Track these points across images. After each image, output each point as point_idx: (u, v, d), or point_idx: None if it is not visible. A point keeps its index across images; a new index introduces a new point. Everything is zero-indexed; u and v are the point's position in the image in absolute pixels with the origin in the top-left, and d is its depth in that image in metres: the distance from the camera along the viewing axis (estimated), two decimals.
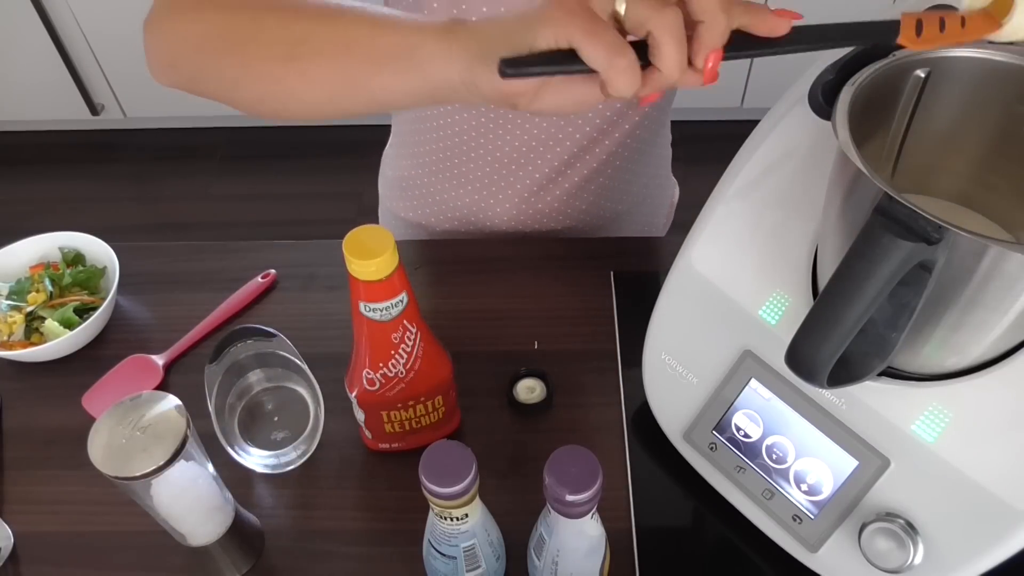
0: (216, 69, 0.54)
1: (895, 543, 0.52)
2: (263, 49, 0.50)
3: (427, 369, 0.63)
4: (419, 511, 0.57)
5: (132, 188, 2.31)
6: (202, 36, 0.53)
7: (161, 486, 0.52)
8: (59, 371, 0.78)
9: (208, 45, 0.53)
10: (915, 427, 0.52)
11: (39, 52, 2.12)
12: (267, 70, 0.51)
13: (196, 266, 0.88)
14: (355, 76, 0.48)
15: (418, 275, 0.85)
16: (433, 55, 0.45)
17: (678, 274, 0.64)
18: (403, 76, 0.47)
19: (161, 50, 0.56)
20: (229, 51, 0.52)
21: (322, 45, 0.49)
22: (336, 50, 0.48)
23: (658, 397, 0.67)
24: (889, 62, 0.48)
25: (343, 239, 0.55)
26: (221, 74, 0.54)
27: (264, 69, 0.51)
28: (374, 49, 0.47)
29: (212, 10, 0.53)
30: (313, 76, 0.50)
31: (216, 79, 0.54)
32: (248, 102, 0.54)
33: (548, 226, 0.92)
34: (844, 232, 0.48)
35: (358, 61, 0.48)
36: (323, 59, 0.49)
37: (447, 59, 0.45)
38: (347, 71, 0.49)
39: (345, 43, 0.48)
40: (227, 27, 0.52)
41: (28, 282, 0.82)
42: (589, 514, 0.50)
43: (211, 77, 0.55)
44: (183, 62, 0.55)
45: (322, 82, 0.50)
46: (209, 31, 0.53)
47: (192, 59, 0.54)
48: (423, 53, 0.46)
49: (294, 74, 0.50)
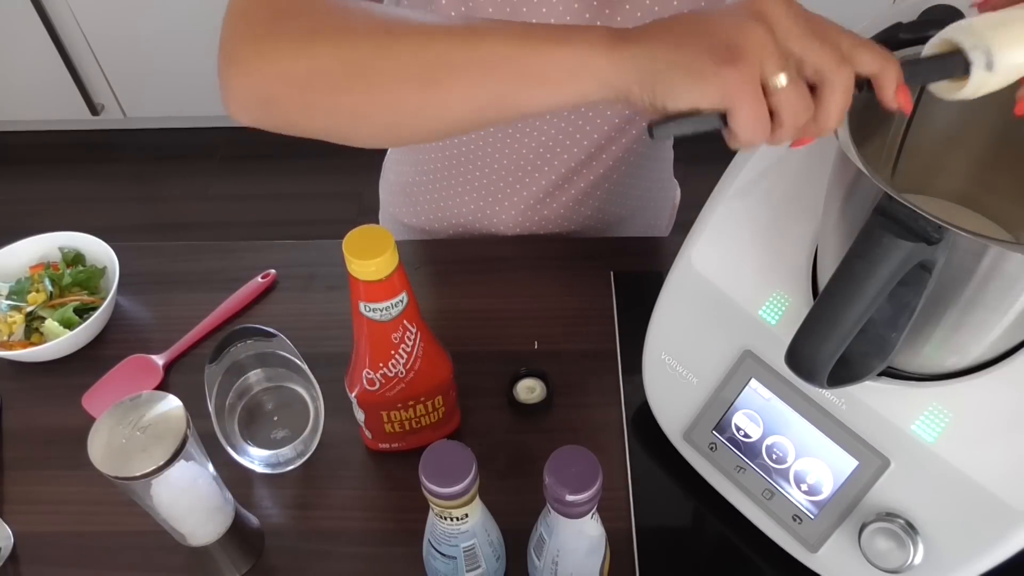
0: (332, 104, 0.49)
1: (895, 543, 0.52)
2: (394, 77, 0.46)
3: (427, 369, 0.63)
4: (419, 511, 0.57)
5: (132, 188, 2.31)
6: (312, 71, 0.48)
7: (161, 486, 0.52)
8: (59, 371, 0.78)
9: (321, 80, 0.48)
10: (915, 427, 0.52)
11: (39, 52, 2.12)
12: (401, 98, 0.47)
13: (196, 266, 0.88)
14: (503, 95, 0.45)
15: (418, 275, 0.85)
16: (597, 72, 0.43)
17: (678, 274, 0.64)
18: (558, 91, 0.45)
19: (252, 89, 0.50)
20: (350, 84, 0.47)
21: (464, 67, 0.45)
22: (481, 71, 0.45)
23: (658, 397, 0.67)
24: None
25: (343, 239, 0.55)
26: (337, 109, 0.49)
27: (396, 97, 0.47)
28: (525, 67, 0.44)
29: (322, 42, 0.47)
30: (455, 99, 0.46)
31: (329, 115, 0.50)
32: (371, 133, 0.50)
33: (552, 231, 0.92)
34: (844, 232, 0.48)
35: (506, 80, 0.45)
36: (467, 81, 0.45)
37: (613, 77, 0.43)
38: (494, 91, 0.45)
39: (490, 63, 0.45)
40: (346, 58, 0.47)
41: (28, 282, 0.82)
42: (589, 514, 0.50)
43: (322, 114, 0.50)
44: (284, 101, 0.50)
45: (465, 103, 0.46)
46: (321, 65, 0.48)
47: (298, 97, 0.49)
48: (586, 72, 0.43)
49: (433, 99, 0.47)
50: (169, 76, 2.19)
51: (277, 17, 0.49)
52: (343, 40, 0.47)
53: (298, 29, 0.48)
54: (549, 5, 0.70)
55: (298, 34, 0.48)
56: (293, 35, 0.48)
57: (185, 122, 2.37)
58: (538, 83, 0.44)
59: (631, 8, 0.72)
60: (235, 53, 0.50)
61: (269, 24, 0.49)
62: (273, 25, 0.49)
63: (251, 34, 0.50)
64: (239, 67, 0.50)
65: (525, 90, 0.45)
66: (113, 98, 2.27)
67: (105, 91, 2.25)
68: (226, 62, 0.50)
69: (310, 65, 0.48)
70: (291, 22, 0.49)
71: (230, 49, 0.50)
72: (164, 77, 2.19)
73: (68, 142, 2.41)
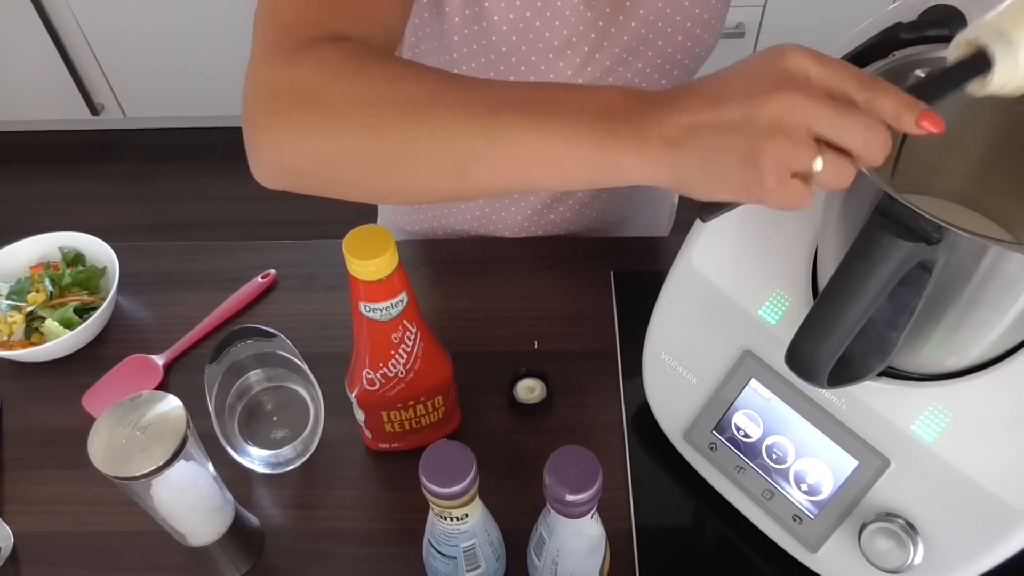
0: (363, 184, 0.50)
1: (895, 543, 0.52)
2: (423, 168, 0.47)
3: (427, 369, 0.63)
4: (419, 511, 0.57)
5: (132, 188, 2.31)
6: (342, 155, 0.48)
7: (161, 486, 0.52)
8: (59, 371, 0.78)
9: (351, 164, 0.48)
10: (915, 427, 0.52)
11: (39, 52, 2.12)
12: (431, 186, 0.48)
13: (196, 266, 0.88)
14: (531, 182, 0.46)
15: (418, 275, 0.85)
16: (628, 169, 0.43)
17: (678, 274, 0.64)
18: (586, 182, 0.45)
19: (282, 163, 0.50)
20: (380, 170, 0.48)
21: (492, 161, 0.45)
22: (509, 165, 0.45)
23: (658, 397, 0.67)
24: (889, 62, 0.48)
25: (343, 239, 0.55)
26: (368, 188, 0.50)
27: (427, 185, 0.48)
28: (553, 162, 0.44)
29: (349, 128, 0.47)
30: (485, 185, 0.47)
31: (361, 192, 0.51)
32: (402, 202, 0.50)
33: (553, 233, 0.92)
34: (844, 232, 0.48)
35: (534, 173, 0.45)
36: (496, 173, 0.46)
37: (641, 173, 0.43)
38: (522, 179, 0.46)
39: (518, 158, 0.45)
40: (374, 148, 0.47)
41: (28, 282, 0.82)
42: (589, 514, 0.50)
43: (354, 191, 0.51)
44: (314, 177, 0.50)
45: (495, 188, 0.47)
46: (350, 151, 0.48)
47: (328, 175, 0.50)
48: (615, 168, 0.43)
49: (463, 185, 0.47)
50: (169, 76, 2.19)
51: (302, 92, 0.48)
52: (370, 127, 0.47)
53: (324, 109, 0.48)
54: (554, 8, 0.71)
55: (325, 115, 0.48)
56: (319, 115, 0.48)
57: (185, 122, 2.37)
58: (565, 177, 0.45)
59: (632, 5, 0.72)
60: (263, 125, 0.49)
61: (294, 100, 0.48)
62: (298, 101, 0.48)
63: (277, 108, 0.49)
64: (268, 140, 0.49)
65: (553, 181, 0.46)
66: (113, 98, 2.26)
67: (105, 91, 2.25)
68: (254, 132, 0.50)
69: (339, 149, 0.48)
70: (315, 101, 0.48)
71: (256, 119, 0.50)
72: (164, 77, 2.19)
73: (68, 142, 2.41)
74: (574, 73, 0.75)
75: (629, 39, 0.74)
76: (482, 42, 0.72)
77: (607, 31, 0.73)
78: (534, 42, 0.72)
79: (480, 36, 0.72)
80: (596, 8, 0.72)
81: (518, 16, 0.70)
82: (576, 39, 0.73)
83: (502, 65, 0.74)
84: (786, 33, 1.97)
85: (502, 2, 0.69)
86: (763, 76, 0.39)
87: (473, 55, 0.74)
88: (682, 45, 0.75)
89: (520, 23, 0.71)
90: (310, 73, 0.48)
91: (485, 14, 0.70)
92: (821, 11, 1.90)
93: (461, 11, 0.70)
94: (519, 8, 0.70)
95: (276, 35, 0.51)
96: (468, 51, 0.73)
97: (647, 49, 0.75)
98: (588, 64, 0.75)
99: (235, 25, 2.04)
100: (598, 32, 0.73)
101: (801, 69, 0.39)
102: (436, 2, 0.71)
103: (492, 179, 0.46)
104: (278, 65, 0.49)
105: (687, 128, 0.40)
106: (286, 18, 0.52)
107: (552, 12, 0.71)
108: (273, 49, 0.50)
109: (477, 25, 0.71)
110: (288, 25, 0.51)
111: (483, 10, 0.70)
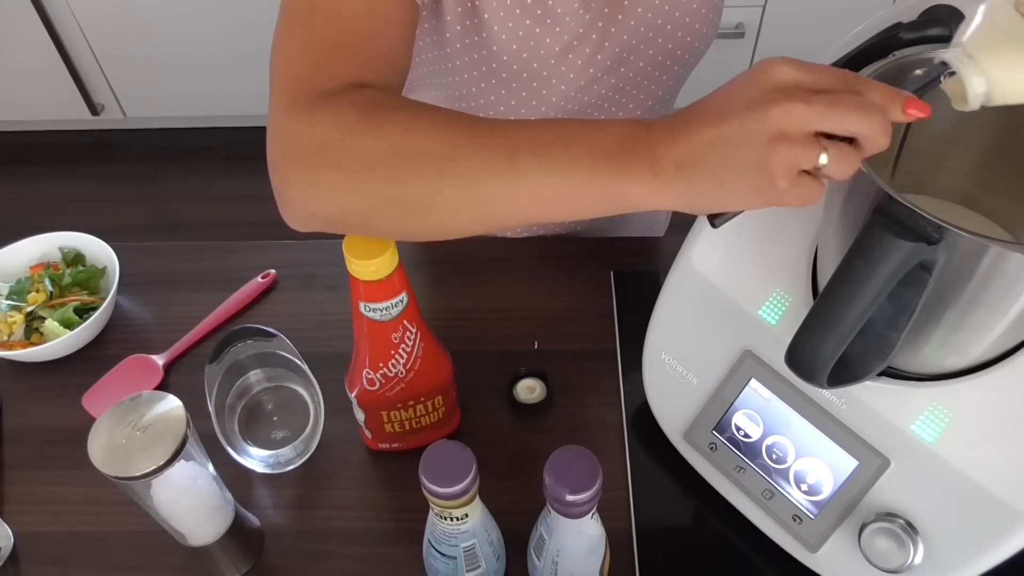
0: (392, 228, 0.53)
1: (895, 543, 0.52)
2: (448, 212, 0.49)
3: (427, 369, 0.63)
4: (419, 511, 0.57)
5: (132, 188, 2.31)
6: (370, 205, 0.50)
7: (161, 486, 0.52)
8: (59, 371, 0.78)
9: (379, 212, 0.51)
10: (915, 427, 0.52)
11: (39, 52, 2.12)
12: (456, 227, 0.51)
13: (196, 266, 0.88)
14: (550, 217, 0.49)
15: (418, 275, 0.85)
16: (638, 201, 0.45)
17: (678, 274, 0.64)
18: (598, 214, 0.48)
19: (314, 213, 0.52)
20: (408, 216, 0.50)
21: (512, 204, 0.48)
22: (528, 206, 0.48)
23: (658, 397, 0.67)
24: (889, 62, 0.48)
25: (343, 239, 0.55)
26: (398, 231, 0.53)
27: (452, 226, 0.51)
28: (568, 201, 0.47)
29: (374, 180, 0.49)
30: (508, 223, 0.50)
31: (391, 234, 0.54)
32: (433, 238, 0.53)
33: (555, 233, 0.92)
34: (844, 232, 0.48)
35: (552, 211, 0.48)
36: (517, 214, 0.49)
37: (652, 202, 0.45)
38: (541, 216, 0.49)
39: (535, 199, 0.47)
40: (400, 196, 0.49)
41: (28, 282, 0.82)
42: (589, 514, 0.50)
43: (385, 233, 0.54)
44: (345, 224, 0.53)
45: (517, 223, 0.50)
46: (377, 201, 0.50)
47: (359, 222, 0.52)
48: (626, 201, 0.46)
49: (487, 225, 0.50)
50: (169, 76, 2.19)
51: (322, 150, 0.50)
52: (393, 180, 0.49)
53: (346, 165, 0.50)
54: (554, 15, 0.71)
55: (348, 170, 0.50)
56: (342, 170, 0.50)
57: (185, 122, 2.37)
58: (582, 212, 0.47)
59: (631, 4, 0.72)
60: (292, 178, 0.52)
61: (317, 157, 0.50)
62: (321, 158, 0.50)
63: (302, 163, 0.51)
64: (299, 193, 0.52)
65: (570, 215, 0.48)
66: (113, 98, 2.26)
67: (105, 91, 2.25)
68: (283, 184, 0.52)
69: (365, 200, 0.50)
70: (336, 157, 0.50)
71: (284, 172, 0.52)
72: (164, 77, 2.19)
73: (68, 142, 2.41)
74: (576, 76, 0.75)
75: (629, 38, 0.74)
76: (482, 51, 0.72)
77: (607, 32, 0.73)
78: (535, 49, 0.72)
79: (480, 46, 0.72)
80: (594, 10, 0.72)
81: (517, 24, 0.70)
82: (577, 42, 0.73)
83: (504, 72, 0.74)
84: (786, 33, 1.97)
85: (500, 11, 0.69)
86: (756, 91, 0.41)
87: (474, 64, 0.74)
88: (681, 41, 0.75)
89: (520, 31, 0.71)
90: (328, 131, 0.50)
91: (484, 25, 0.70)
92: (821, 11, 1.90)
93: (461, 21, 0.70)
94: (518, 16, 0.70)
95: (292, 88, 0.53)
96: (469, 60, 0.73)
97: (647, 47, 0.75)
98: (590, 66, 0.75)
99: (235, 25, 2.04)
100: (598, 33, 0.73)
101: (789, 77, 0.40)
102: (435, 13, 0.71)
103: (513, 217, 0.49)
104: (297, 121, 0.52)
105: (694, 150, 0.42)
106: (300, 70, 0.54)
107: (552, 19, 0.71)
108: (291, 103, 0.52)
109: (477, 35, 0.71)
110: (302, 77, 0.53)
111: (482, 21, 0.70)
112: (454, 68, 0.75)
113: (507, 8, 0.69)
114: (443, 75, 0.77)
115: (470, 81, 0.76)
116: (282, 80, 0.54)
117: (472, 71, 0.75)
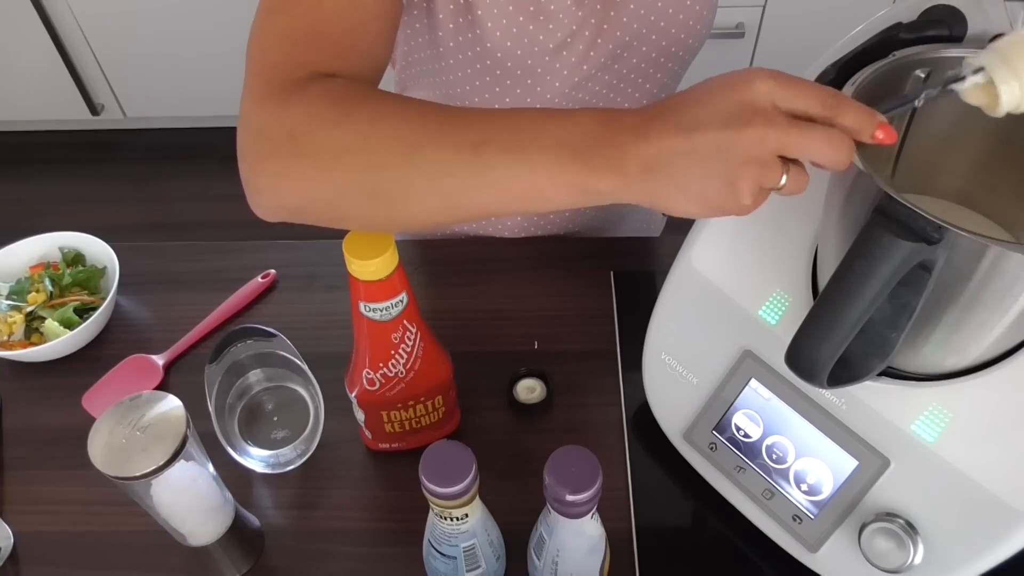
0: (361, 217, 0.52)
1: (895, 543, 0.52)
2: (417, 202, 0.49)
3: (427, 369, 0.63)
4: (419, 511, 0.57)
5: (132, 188, 2.31)
6: (338, 194, 0.50)
7: (161, 486, 0.52)
8: (59, 371, 0.78)
9: (348, 201, 0.50)
10: (915, 427, 0.52)
11: (39, 52, 2.12)
12: (425, 216, 0.50)
13: (196, 266, 0.88)
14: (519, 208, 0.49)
15: (418, 275, 0.85)
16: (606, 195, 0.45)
17: (678, 274, 0.64)
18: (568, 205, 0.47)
19: (282, 203, 0.52)
20: (376, 205, 0.50)
21: (480, 194, 0.48)
22: (497, 197, 0.48)
23: (658, 397, 0.67)
24: (889, 62, 0.48)
25: (343, 239, 0.55)
26: (367, 221, 0.53)
27: (421, 215, 0.50)
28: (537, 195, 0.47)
29: (342, 169, 0.49)
30: (477, 213, 0.50)
31: (360, 224, 0.54)
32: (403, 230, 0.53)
33: (552, 232, 0.92)
34: (844, 232, 0.48)
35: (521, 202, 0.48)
36: (486, 204, 0.48)
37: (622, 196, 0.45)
38: (511, 207, 0.49)
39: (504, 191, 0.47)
40: (368, 185, 0.49)
41: (28, 282, 0.82)
42: (589, 514, 0.50)
43: (354, 223, 0.54)
44: (314, 214, 0.53)
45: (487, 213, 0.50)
46: (346, 190, 0.50)
47: (328, 211, 0.52)
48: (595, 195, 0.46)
49: (457, 215, 0.50)
50: (169, 76, 2.19)
51: (293, 139, 0.50)
52: (361, 169, 0.49)
53: (316, 154, 0.50)
54: (547, 12, 0.71)
55: (317, 159, 0.50)
56: (312, 159, 0.50)
57: (185, 122, 2.37)
58: (551, 204, 0.48)
59: (623, 1, 0.72)
60: (260, 168, 0.52)
61: (287, 146, 0.50)
62: (291, 147, 0.50)
63: (272, 152, 0.51)
64: (267, 183, 0.52)
65: (540, 207, 0.48)
66: (113, 98, 2.26)
67: (105, 91, 2.25)
68: (251, 173, 0.52)
69: (334, 189, 0.50)
70: (306, 146, 0.50)
71: (253, 162, 0.52)
72: (164, 77, 2.19)
73: (68, 142, 2.41)
74: (570, 73, 0.75)
75: (622, 35, 0.74)
76: (476, 49, 0.72)
77: (600, 29, 0.73)
78: (529, 46, 0.72)
79: (474, 43, 0.72)
80: (588, 6, 0.72)
81: (511, 21, 0.70)
82: (571, 39, 0.73)
83: (498, 70, 0.74)
84: (786, 33, 1.97)
85: (494, 8, 0.69)
86: (732, 106, 0.42)
87: (468, 62, 0.74)
88: (675, 37, 0.75)
89: (514, 28, 0.71)
90: (298, 119, 0.50)
91: (478, 22, 0.70)
92: (821, 11, 1.90)
93: (454, 19, 0.70)
94: (512, 14, 0.70)
95: (265, 76, 0.52)
96: (463, 58, 0.73)
97: (641, 44, 0.75)
98: (584, 63, 0.75)
99: (235, 25, 2.04)
100: (592, 30, 0.73)
101: (767, 96, 0.41)
102: (428, 11, 0.71)
103: (483, 208, 0.49)
104: (268, 109, 0.51)
105: (662, 156, 0.43)
106: (274, 58, 0.53)
107: (545, 15, 0.71)
108: (263, 91, 0.52)
109: (471, 32, 0.71)
110: (276, 65, 0.53)
111: (475, 18, 0.70)
112: (448, 67, 0.75)
113: (500, 5, 0.69)
114: (437, 74, 0.77)
115: (464, 79, 0.76)
116: (256, 68, 0.53)
117: (466, 69, 0.74)
